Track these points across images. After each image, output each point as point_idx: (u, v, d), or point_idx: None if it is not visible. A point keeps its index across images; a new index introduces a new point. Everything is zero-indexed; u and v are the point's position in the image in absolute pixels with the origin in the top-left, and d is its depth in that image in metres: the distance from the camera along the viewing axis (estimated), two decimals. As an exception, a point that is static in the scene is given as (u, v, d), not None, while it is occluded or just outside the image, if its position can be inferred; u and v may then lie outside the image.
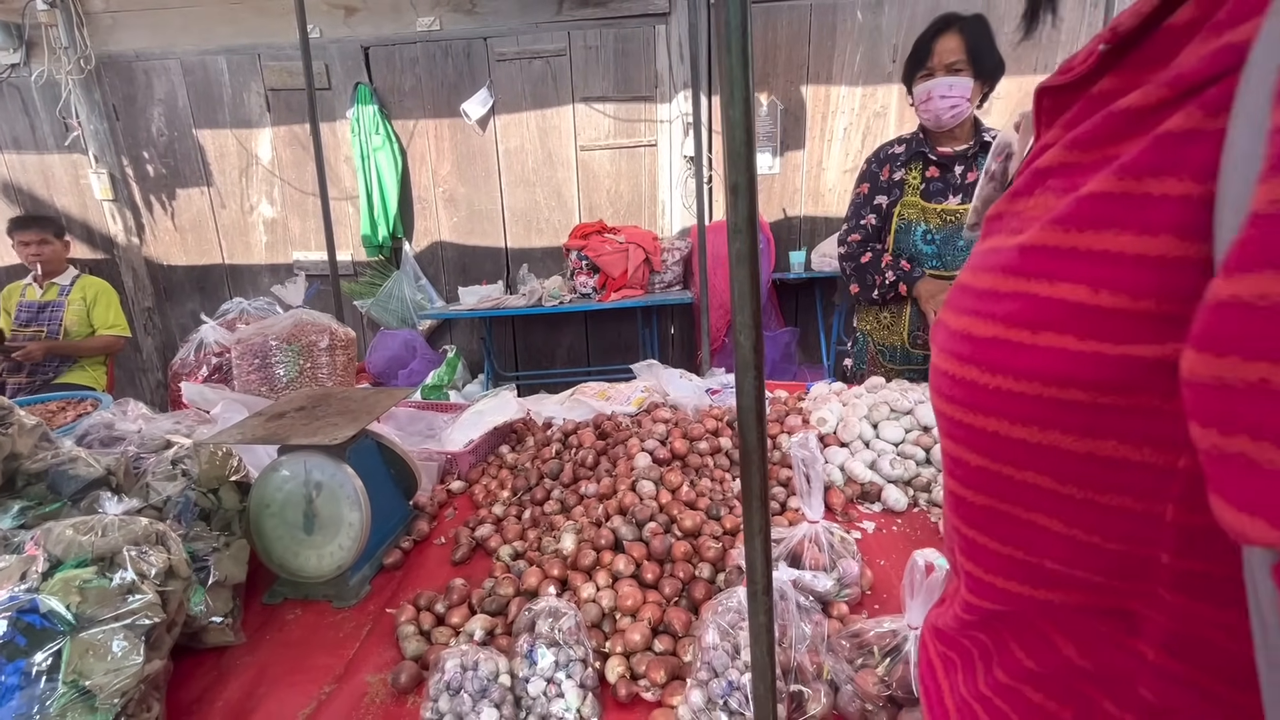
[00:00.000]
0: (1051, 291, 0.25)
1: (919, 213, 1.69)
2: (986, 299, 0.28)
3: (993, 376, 0.27)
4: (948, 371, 0.30)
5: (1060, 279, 0.25)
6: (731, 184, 0.37)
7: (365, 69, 3.71)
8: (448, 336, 4.14)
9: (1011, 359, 0.27)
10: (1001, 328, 0.27)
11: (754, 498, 0.44)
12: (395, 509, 1.17)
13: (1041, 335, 0.25)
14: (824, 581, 0.82)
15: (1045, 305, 0.25)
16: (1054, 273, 0.25)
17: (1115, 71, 0.28)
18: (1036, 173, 0.30)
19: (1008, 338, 0.27)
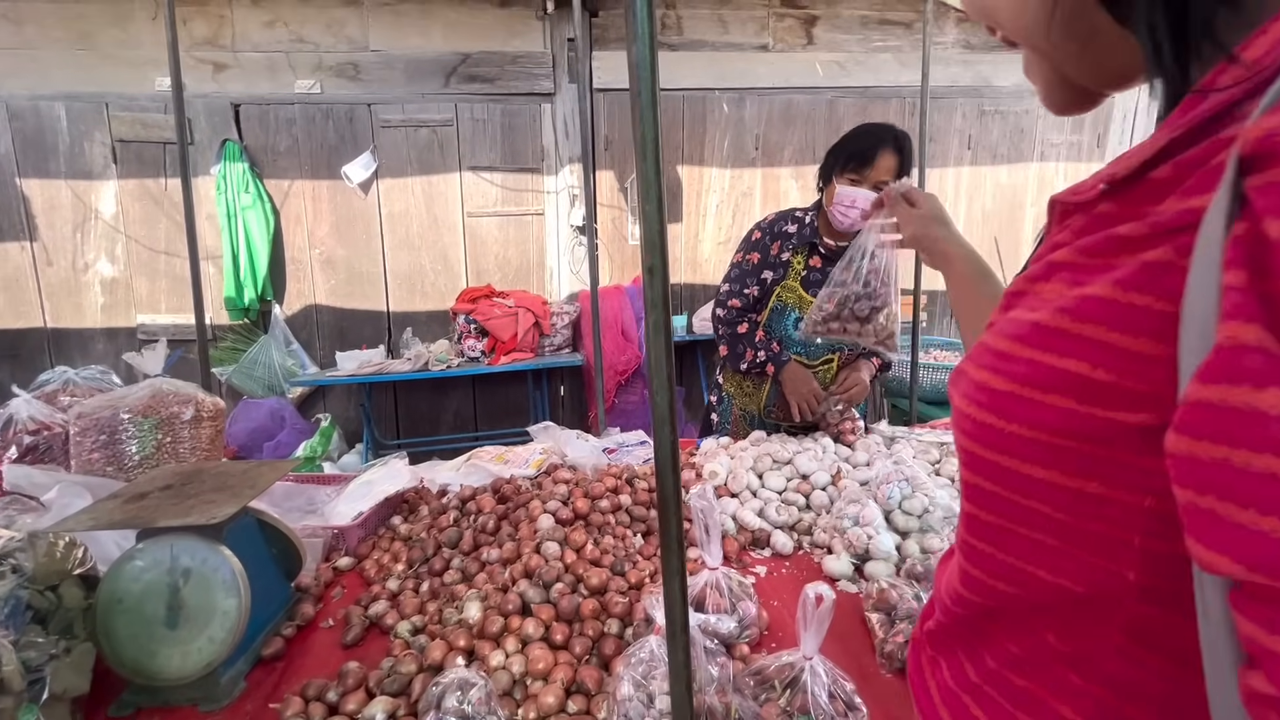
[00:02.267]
0: (1059, 363, 0.32)
1: (796, 299, 1.75)
2: (1005, 360, 0.36)
3: (1008, 424, 0.35)
4: (970, 415, 0.37)
5: (1067, 355, 0.32)
6: (648, 266, 0.44)
7: (235, 126, 3.54)
8: (321, 405, 3.87)
9: (1024, 411, 0.34)
10: (1017, 385, 0.34)
11: (671, 540, 0.49)
12: (276, 592, 1.08)
13: (1049, 396, 0.33)
14: (727, 624, 0.88)
15: (1053, 373, 0.33)
16: (1063, 349, 0.32)
17: (1113, 199, 0.35)
18: (1051, 265, 0.37)
19: (1022, 394, 0.34)
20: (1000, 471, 0.36)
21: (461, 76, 3.64)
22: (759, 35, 3.82)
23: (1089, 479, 0.32)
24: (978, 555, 0.40)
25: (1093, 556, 0.33)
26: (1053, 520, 0.34)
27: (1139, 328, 0.30)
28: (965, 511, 0.41)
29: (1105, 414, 0.30)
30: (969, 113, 4.02)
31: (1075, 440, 0.32)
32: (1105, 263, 0.33)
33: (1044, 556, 0.35)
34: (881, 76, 3.89)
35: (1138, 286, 0.30)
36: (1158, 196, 0.31)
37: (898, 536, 1.17)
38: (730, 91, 3.84)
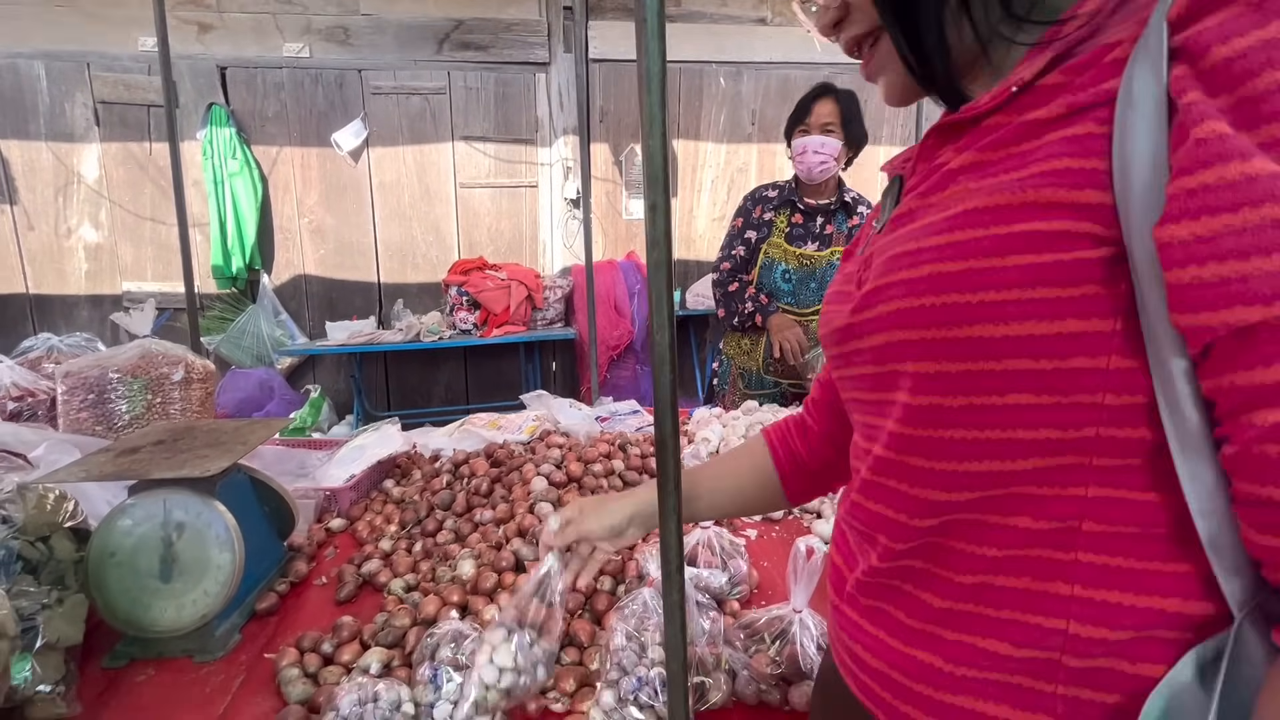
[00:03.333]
0: (1011, 229, 0.36)
1: (781, 253, 1.89)
2: (949, 249, 0.39)
3: (974, 294, 0.37)
4: (928, 305, 0.39)
5: (1018, 220, 0.36)
6: (650, 203, 0.44)
7: (221, 89, 3.46)
8: (311, 375, 3.84)
9: (989, 278, 0.37)
10: (974, 259, 0.37)
11: (669, 480, 0.49)
12: (269, 550, 1.08)
13: (1009, 258, 0.36)
14: (719, 578, 0.89)
15: (1009, 238, 0.36)
16: (1012, 218, 0.36)
17: (1001, 112, 0.41)
18: (947, 173, 0.42)
19: (980, 265, 0.37)
20: (972, 344, 0.38)
21: (454, 43, 3.57)
22: (757, 8, 3.76)
23: (1065, 319, 0.35)
24: (942, 446, 0.41)
25: (1071, 395, 0.36)
26: (1031, 373, 0.37)
27: (1083, 183, 0.34)
28: (921, 412, 0.42)
29: (1071, 256, 0.35)
30: (966, 92, 4.00)
31: (1047, 287, 0.35)
32: (1021, 148, 0.38)
33: (1021, 415, 0.38)
34: (880, 53, 3.85)
35: (1072, 153, 0.35)
36: (1047, 98, 0.38)
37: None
38: (727, 65, 3.79)
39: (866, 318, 0.45)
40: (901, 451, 0.44)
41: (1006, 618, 0.40)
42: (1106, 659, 0.38)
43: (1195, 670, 0.35)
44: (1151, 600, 0.36)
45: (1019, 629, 0.39)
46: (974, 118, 0.42)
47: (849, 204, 1.89)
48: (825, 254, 1.88)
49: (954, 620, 0.42)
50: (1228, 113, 0.30)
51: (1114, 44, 0.36)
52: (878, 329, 0.43)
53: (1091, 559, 0.37)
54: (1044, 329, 0.36)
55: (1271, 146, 0.29)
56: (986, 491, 0.40)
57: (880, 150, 4.02)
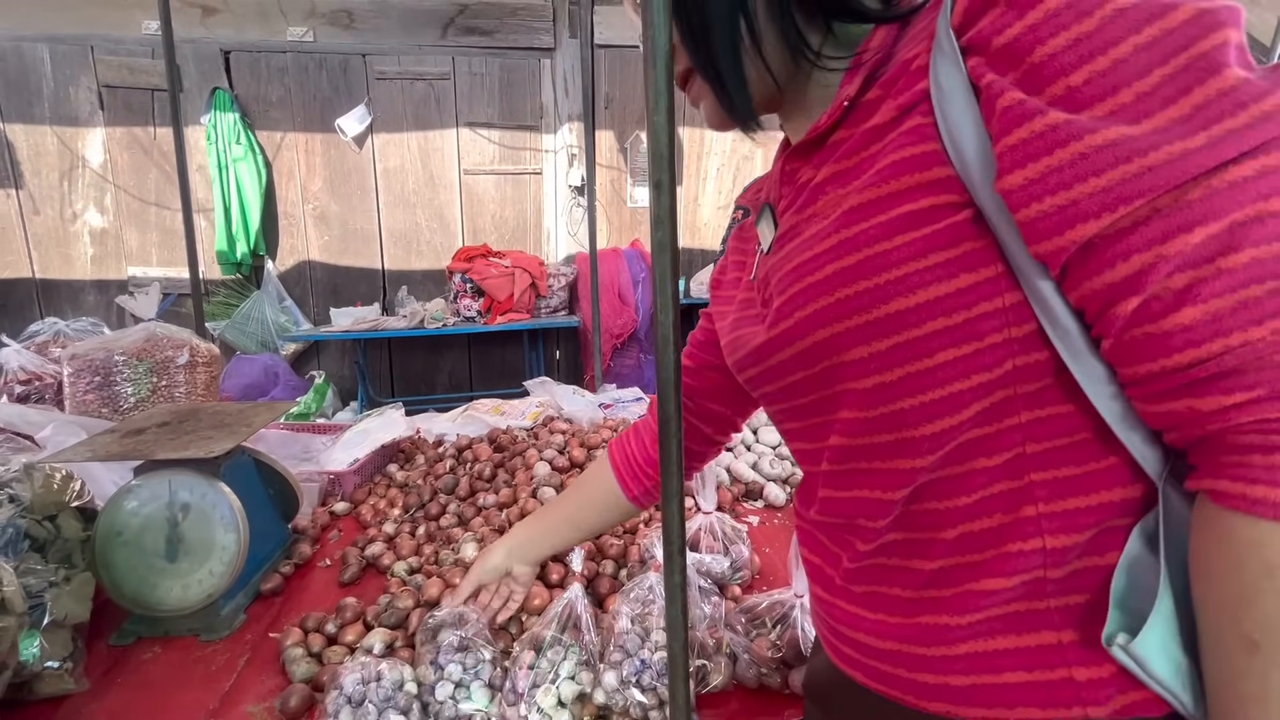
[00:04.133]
0: (889, 216, 0.41)
1: None
2: (843, 245, 0.43)
3: (878, 276, 0.41)
4: (842, 299, 0.43)
5: (892, 207, 0.41)
6: (655, 180, 0.43)
7: (225, 73, 3.44)
8: (315, 362, 3.85)
9: (886, 260, 0.41)
10: (867, 249, 0.42)
11: (671, 462, 0.49)
12: (274, 532, 1.09)
13: (896, 239, 0.41)
14: (721, 563, 0.89)
15: (890, 223, 0.41)
16: (887, 206, 0.41)
17: (841, 128, 0.47)
18: (814, 188, 0.48)
19: (874, 251, 0.41)
20: (892, 319, 0.41)
21: (459, 28, 3.54)
22: (765, -7, 3.72)
23: (958, 275, 0.40)
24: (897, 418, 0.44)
25: (985, 337, 0.40)
26: (948, 329, 0.40)
27: (930, 163, 0.40)
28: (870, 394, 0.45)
29: (944, 223, 0.40)
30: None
31: (935, 253, 0.40)
32: (870, 151, 0.43)
33: (954, 368, 0.41)
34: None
35: (912, 143, 0.41)
36: (874, 108, 0.44)
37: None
38: (734, 51, 3.75)
39: (785, 328, 0.47)
40: (861, 435, 0.46)
41: (991, 556, 0.43)
42: (1080, 559, 0.42)
43: (1143, 541, 0.40)
44: (1099, 496, 0.41)
45: (1005, 560, 0.43)
46: (819, 137, 0.48)
47: None
48: None
49: (947, 577, 0.45)
50: (1019, 84, 0.36)
51: (912, 56, 0.42)
52: (800, 334, 0.46)
53: (1042, 476, 0.41)
54: (945, 289, 0.40)
55: (1057, 101, 0.35)
56: (944, 448, 0.43)
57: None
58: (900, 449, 0.44)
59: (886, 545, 0.47)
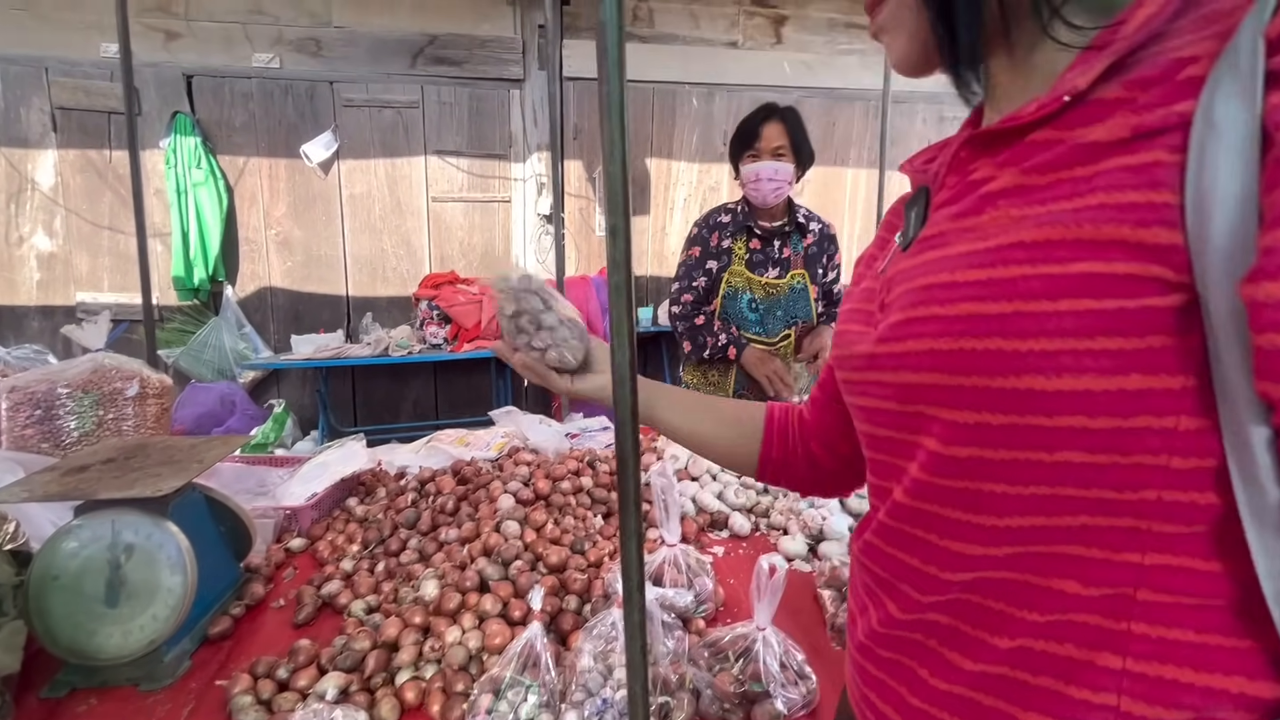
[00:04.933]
0: (1065, 270, 0.33)
1: (745, 282, 1.83)
2: (991, 287, 0.35)
3: (1022, 340, 0.33)
4: (962, 350, 0.36)
5: (1073, 260, 0.32)
6: (611, 226, 0.44)
7: (187, 98, 3.39)
8: (275, 390, 3.75)
9: (1039, 324, 0.33)
10: (1022, 302, 0.34)
11: (629, 501, 0.50)
12: (224, 572, 1.05)
13: (1063, 302, 0.32)
14: (684, 597, 0.89)
15: (1063, 280, 0.32)
16: (1065, 257, 0.33)
17: (1050, 126, 0.36)
18: (984, 197, 0.38)
19: (1031, 309, 0.33)
20: (1018, 397, 0.34)
21: (428, 58, 3.57)
22: (729, 32, 3.85)
23: (1129, 374, 0.31)
24: (976, 504, 0.37)
25: (1131, 455, 0.32)
26: (1086, 431, 0.33)
27: (1150, 219, 0.31)
28: (955, 463, 0.38)
29: (1136, 303, 0.31)
30: (929, 118, 4.13)
31: (1108, 337, 0.31)
32: (1075, 174, 0.34)
33: (1070, 473, 0.34)
34: (847, 78, 3.97)
35: (1137, 185, 0.31)
36: (1105, 114, 0.34)
37: (850, 518, 1.20)
38: (700, 86, 3.86)
39: (893, 351, 0.41)
40: (929, 500, 0.40)
41: (1048, 687, 0.36)
42: None
43: None
44: (1213, 678, 0.33)
45: (1062, 702, 0.36)
46: (1016, 129, 0.38)
47: (802, 224, 1.86)
48: (787, 280, 1.84)
49: (988, 685, 0.39)
50: None
51: (1185, 59, 0.31)
52: (905, 366, 0.40)
53: (1146, 630, 0.34)
54: (1103, 384, 0.32)
55: None
56: (1028, 548, 0.36)
57: (848, 173, 4.12)
58: (970, 532, 0.38)
59: (927, 623, 0.41)
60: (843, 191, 4.16)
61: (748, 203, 1.85)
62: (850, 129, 4.08)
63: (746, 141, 1.76)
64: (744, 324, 1.85)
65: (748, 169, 1.76)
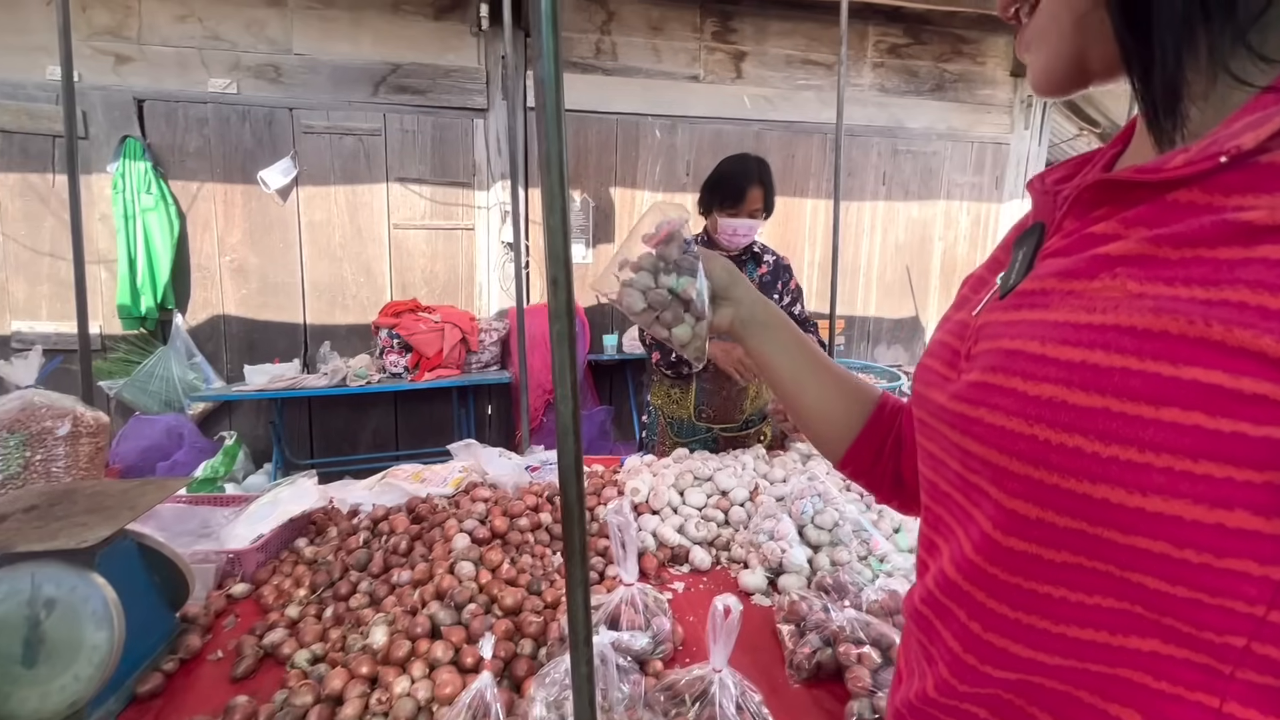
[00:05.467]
0: (1177, 372, 0.27)
1: None
2: (1083, 372, 0.30)
3: (1106, 445, 0.29)
4: (1035, 437, 0.32)
5: (1189, 363, 0.27)
6: (552, 277, 0.44)
7: (138, 122, 3.31)
8: (226, 422, 3.61)
9: (1134, 430, 0.28)
10: (1116, 400, 0.29)
11: (575, 552, 0.49)
12: (157, 624, 0.99)
13: (1166, 410, 0.27)
14: (640, 640, 0.88)
15: (1172, 384, 0.27)
16: (1183, 356, 0.27)
17: (1198, 186, 0.30)
18: (1101, 259, 0.33)
19: (1126, 410, 0.29)
20: (1092, 505, 0.30)
21: (391, 86, 3.56)
22: (691, 66, 3.95)
23: (1234, 509, 0.26)
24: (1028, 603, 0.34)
25: (1220, 597, 0.28)
26: (1169, 559, 0.28)
27: None
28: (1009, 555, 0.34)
29: (1260, 432, 0.26)
30: (884, 151, 4.29)
31: (1214, 462, 0.27)
32: (1215, 256, 0.28)
33: (1149, 597, 0.29)
34: (805, 112, 4.11)
35: None
36: (1268, 186, 0.28)
37: (810, 550, 1.21)
38: (663, 118, 3.94)
39: (965, 414, 0.37)
40: (977, 585, 0.36)
41: None
42: None
43: None
44: None
45: None
46: (1158, 184, 0.31)
47: (757, 254, 1.95)
48: None
49: None
50: None
51: None
52: (971, 435, 0.36)
53: None
54: (1199, 514, 0.27)
55: None
56: (1085, 664, 0.32)
57: (807, 203, 4.24)
58: (1018, 631, 0.34)
59: (964, 712, 0.39)
60: (803, 221, 4.27)
61: (707, 234, 1.93)
62: (809, 161, 4.20)
63: (733, 199, 1.82)
64: None
65: (726, 222, 1.84)
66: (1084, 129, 5.27)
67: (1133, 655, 0.31)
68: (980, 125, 4.41)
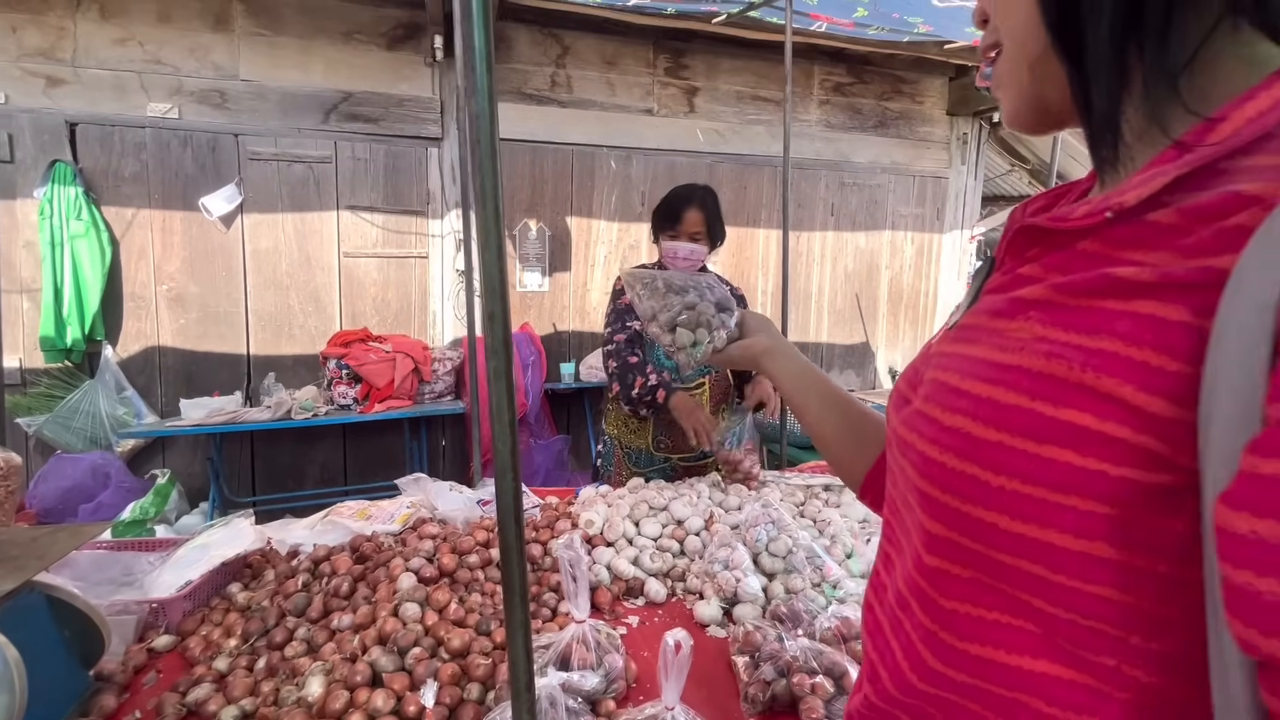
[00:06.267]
0: (1056, 413, 0.30)
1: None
2: (987, 408, 0.33)
3: (996, 476, 0.31)
4: (944, 464, 0.34)
5: (1065, 405, 0.29)
6: (489, 312, 0.44)
7: (69, 146, 3.17)
8: (159, 459, 3.42)
9: (1018, 463, 0.31)
10: (1006, 435, 0.31)
11: (514, 594, 0.47)
12: (66, 683, 0.92)
13: (1045, 448, 0.30)
14: (591, 680, 0.85)
15: (1051, 424, 0.30)
16: (1059, 399, 0.30)
17: (1098, 237, 0.32)
18: (1020, 301, 0.34)
19: (1013, 444, 0.31)
20: (984, 529, 0.33)
21: (343, 114, 3.52)
22: (644, 100, 4.04)
23: (1095, 540, 0.29)
24: (940, 618, 0.37)
25: (1090, 619, 0.30)
26: (1045, 582, 0.31)
27: (1153, 387, 0.27)
28: (929, 571, 0.37)
29: (1118, 471, 0.28)
30: (831, 184, 4.46)
31: (1080, 497, 0.29)
32: (1098, 306, 0.30)
33: (1035, 615, 0.32)
34: (755, 146, 4.24)
35: (1153, 342, 0.27)
36: (1153, 242, 0.29)
37: (764, 578, 1.21)
38: (618, 150, 4.01)
39: (903, 436, 0.40)
40: (914, 597, 0.39)
41: None
42: None
43: None
44: None
45: None
46: (1068, 231, 0.34)
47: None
48: None
49: None
50: None
51: (1248, 198, 0.26)
52: (907, 458, 0.38)
53: None
54: (1067, 542, 0.30)
55: None
56: (987, 684, 0.35)
57: (760, 234, 4.35)
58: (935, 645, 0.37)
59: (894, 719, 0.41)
60: (755, 250, 4.37)
61: (660, 265, 1.95)
62: (760, 193, 4.32)
63: (670, 219, 1.85)
64: (661, 367, 1.90)
65: (668, 245, 1.86)
66: (1015, 165, 5.60)
67: (1028, 677, 0.33)
68: (921, 160, 4.63)
